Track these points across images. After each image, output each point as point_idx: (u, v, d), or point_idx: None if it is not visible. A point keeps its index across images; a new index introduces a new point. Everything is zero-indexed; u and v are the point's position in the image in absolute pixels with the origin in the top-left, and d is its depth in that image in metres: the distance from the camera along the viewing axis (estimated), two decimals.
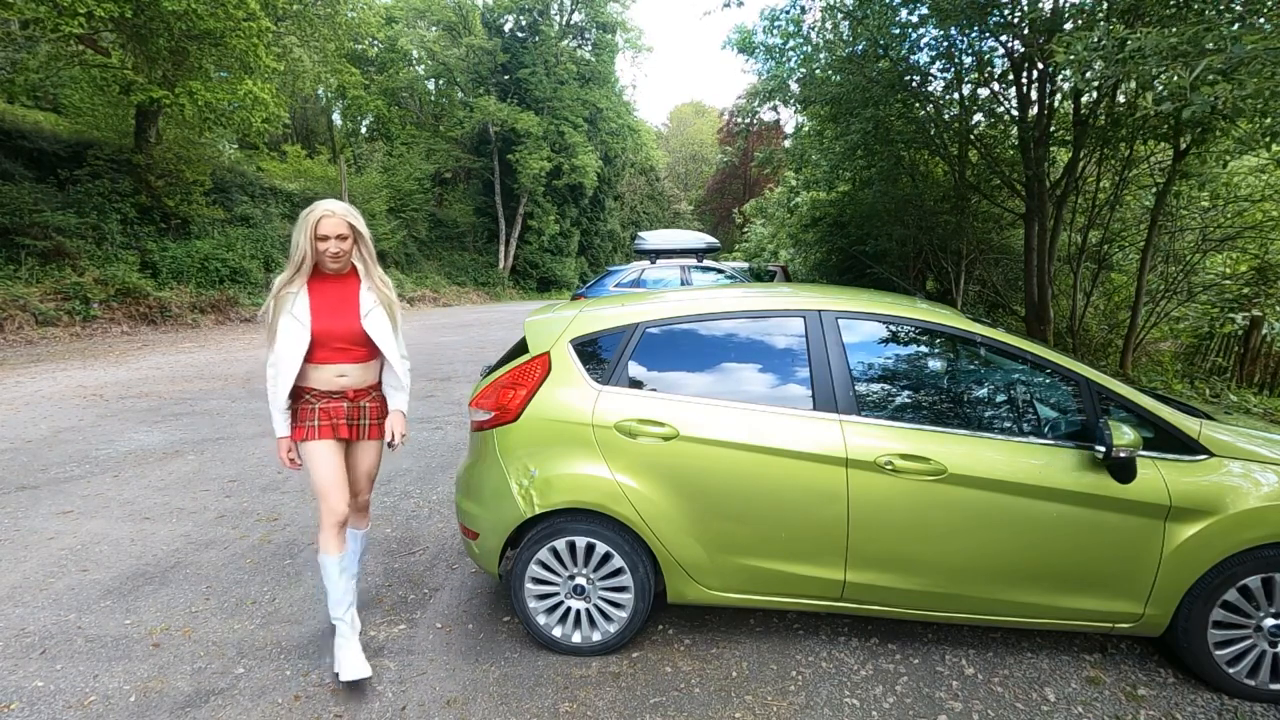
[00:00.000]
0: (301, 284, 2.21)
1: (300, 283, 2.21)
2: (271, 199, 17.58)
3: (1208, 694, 2.25)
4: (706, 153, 49.72)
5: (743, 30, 9.88)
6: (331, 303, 2.24)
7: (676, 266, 8.49)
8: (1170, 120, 5.81)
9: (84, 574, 2.98)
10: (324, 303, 2.23)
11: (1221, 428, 2.29)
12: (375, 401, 2.38)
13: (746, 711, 2.15)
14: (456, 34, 27.88)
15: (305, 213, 2.17)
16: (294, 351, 2.17)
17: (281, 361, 2.18)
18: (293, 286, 2.20)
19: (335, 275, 2.27)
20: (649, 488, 2.29)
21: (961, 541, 2.22)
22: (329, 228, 2.15)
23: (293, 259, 2.19)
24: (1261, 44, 3.18)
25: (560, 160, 29.32)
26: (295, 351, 2.17)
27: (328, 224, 2.15)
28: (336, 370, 2.26)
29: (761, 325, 2.47)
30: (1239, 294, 6.97)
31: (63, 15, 9.64)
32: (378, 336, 2.26)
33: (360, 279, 2.31)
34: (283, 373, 2.19)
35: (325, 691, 2.21)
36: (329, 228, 2.15)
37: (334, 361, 2.25)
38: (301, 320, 2.18)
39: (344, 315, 2.24)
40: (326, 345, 2.22)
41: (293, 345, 2.17)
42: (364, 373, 2.32)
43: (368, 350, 2.30)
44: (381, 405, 2.39)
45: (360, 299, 2.27)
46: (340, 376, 2.27)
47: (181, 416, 5.81)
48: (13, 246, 10.67)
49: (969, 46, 7.61)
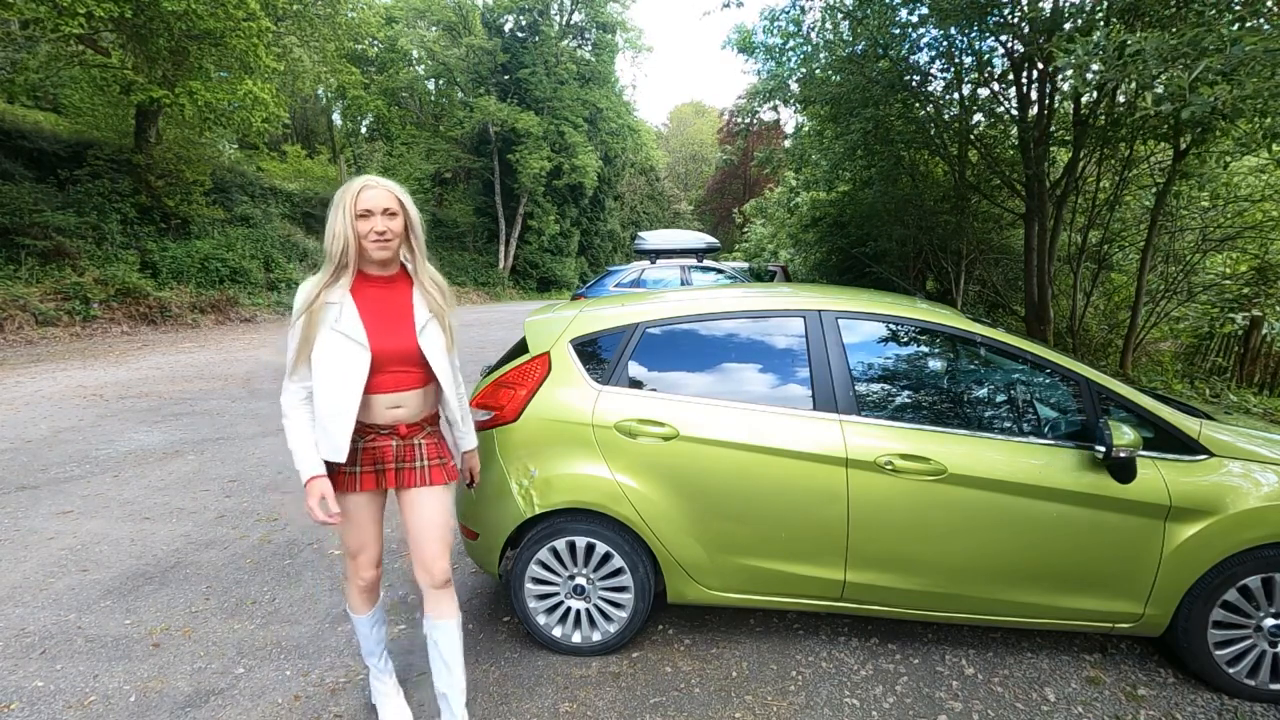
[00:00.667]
0: (346, 289, 1.74)
1: (344, 287, 1.74)
2: (271, 199, 17.58)
3: (1208, 694, 2.26)
4: (706, 153, 49.72)
5: (742, 30, 9.88)
6: (382, 312, 1.78)
7: (676, 266, 8.50)
8: (1170, 120, 5.81)
9: (84, 574, 2.98)
10: (374, 312, 1.77)
11: (1221, 428, 2.29)
12: (431, 438, 1.90)
13: (746, 711, 2.15)
14: (456, 34, 27.87)
15: (340, 190, 1.73)
16: (352, 380, 1.70)
17: (334, 394, 1.70)
18: (334, 293, 1.73)
19: (380, 278, 1.81)
20: (649, 488, 2.29)
21: (961, 541, 2.22)
22: (373, 199, 1.70)
23: (330, 254, 1.72)
24: (1261, 45, 3.18)
25: (560, 160, 29.32)
26: (354, 380, 1.71)
27: (371, 196, 1.71)
28: (391, 400, 1.78)
29: (761, 325, 2.47)
30: (1239, 294, 6.97)
31: (63, 15, 9.64)
32: (433, 357, 1.81)
33: (411, 280, 1.86)
34: (342, 409, 1.70)
35: (325, 691, 2.21)
36: (373, 199, 1.70)
37: (388, 389, 1.78)
38: (356, 337, 1.71)
39: (399, 328, 1.78)
40: (381, 369, 1.75)
41: (349, 372, 1.71)
42: (421, 402, 1.86)
43: (424, 373, 1.84)
44: (440, 442, 1.92)
45: (415, 307, 1.82)
46: (395, 408, 1.80)
47: (181, 416, 5.81)
48: (13, 246, 10.66)
49: (969, 46, 7.61)
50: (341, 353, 1.71)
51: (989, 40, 7.37)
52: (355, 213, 1.70)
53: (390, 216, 1.73)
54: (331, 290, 1.73)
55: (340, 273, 1.74)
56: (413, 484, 1.85)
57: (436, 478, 1.87)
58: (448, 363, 1.87)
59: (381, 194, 1.72)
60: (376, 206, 1.71)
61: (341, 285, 1.74)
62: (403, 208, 1.75)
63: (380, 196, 1.71)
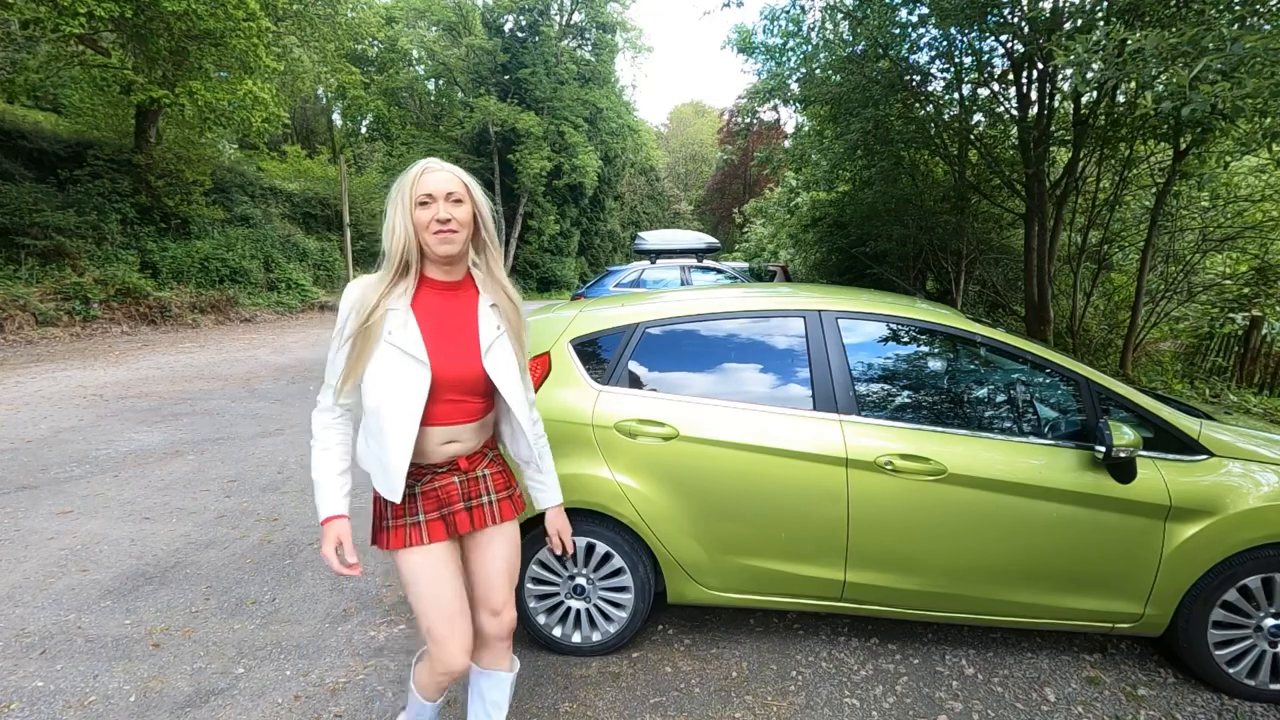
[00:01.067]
0: (408, 296, 1.47)
1: (406, 294, 1.47)
2: (271, 199, 17.59)
3: (1208, 694, 2.25)
4: (706, 153, 49.74)
5: (742, 30, 9.88)
6: (443, 326, 1.49)
7: (676, 266, 8.50)
8: (1170, 120, 5.81)
9: (84, 574, 2.98)
10: (433, 326, 1.47)
11: (1221, 428, 2.29)
12: (494, 465, 1.62)
13: (746, 711, 2.15)
14: (456, 34, 27.91)
15: (398, 180, 1.47)
16: (411, 404, 1.42)
17: (389, 420, 1.42)
18: (396, 299, 1.45)
19: (443, 284, 1.52)
20: (649, 488, 2.29)
21: (961, 541, 2.22)
22: (435, 183, 1.43)
23: (389, 254, 1.46)
24: (1261, 43, 3.18)
25: (560, 160, 29.36)
26: (413, 403, 1.42)
27: (433, 179, 1.43)
28: (445, 435, 1.50)
29: (761, 325, 2.47)
30: (1239, 294, 6.97)
31: (63, 15, 9.65)
32: (503, 383, 1.51)
33: (478, 289, 1.56)
34: (398, 438, 1.42)
35: (325, 691, 2.21)
36: (435, 183, 1.43)
37: (445, 421, 1.49)
38: (414, 353, 1.43)
39: (461, 347, 1.49)
40: (438, 396, 1.46)
41: (407, 394, 1.42)
42: (479, 435, 1.57)
43: (486, 403, 1.56)
44: (504, 469, 1.64)
45: (480, 322, 1.52)
46: (449, 443, 1.51)
47: (181, 416, 5.81)
48: (13, 246, 10.68)
49: (969, 46, 7.61)
50: (397, 371, 1.42)
51: (989, 40, 7.38)
52: (415, 199, 1.43)
53: (455, 204, 1.45)
54: (394, 295, 1.46)
55: (401, 277, 1.47)
56: (483, 524, 1.57)
57: (506, 513, 1.61)
58: (520, 391, 1.56)
59: (445, 177, 1.45)
60: (439, 191, 1.43)
61: (403, 292, 1.47)
62: (470, 195, 1.48)
63: (443, 180, 1.44)
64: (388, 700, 2.17)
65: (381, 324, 1.43)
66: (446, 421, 1.49)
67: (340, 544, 1.45)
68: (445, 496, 1.52)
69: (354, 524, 1.52)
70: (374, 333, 1.42)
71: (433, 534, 1.49)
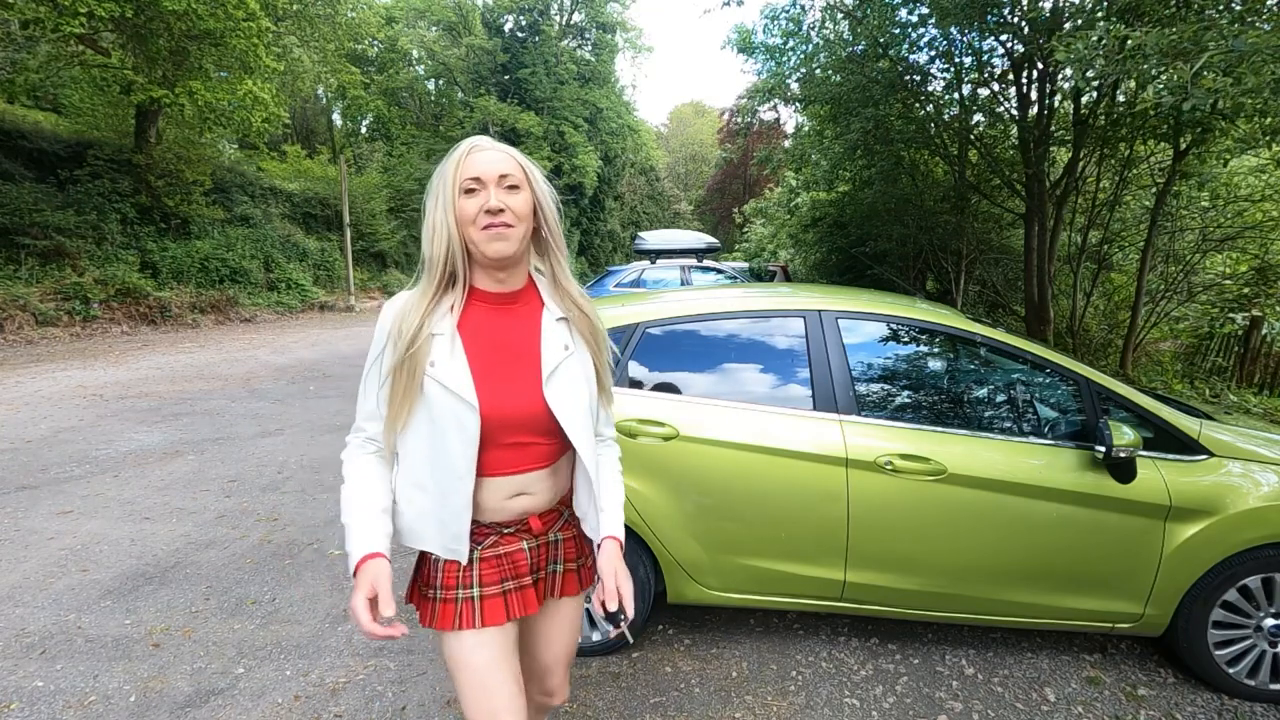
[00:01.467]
0: (455, 314, 1.14)
1: (452, 310, 1.14)
2: (271, 199, 17.57)
3: (1208, 694, 2.25)
4: (706, 153, 49.72)
5: (742, 30, 9.89)
6: (496, 351, 1.16)
7: (676, 266, 8.52)
8: (1170, 120, 5.81)
9: (84, 574, 2.98)
10: (482, 351, 1.14)
11: (1221, 428, 2.29)
12: (569, 530, 1.28)
13: (746, 711, 2.15)
14: (456, 34, 27.92)
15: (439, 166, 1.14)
16: (458, 456, 1.10)
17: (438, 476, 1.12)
18: (440, 320, 1.13)
19: (496, 295, 1.18)
20: (649, 488, 2.29)
21: (961, 541, 2.22)
22: (484, 164, 1.09)
23: (430, 259, 1.12)
24: (1262, 40, 3.18)
25: (560, 160, 29.36)
26: (461, 456, 1.10)
27: (481, 160, 1.09)
28: (512, 486, 1.17)
29: (762, 325, 2.47)
30: (1239, 294, 6.97)
31: (63, 15, 9.64)
32: (568, 419, 1.16)
33: (542, 300, 1.22)
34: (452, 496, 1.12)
35: (325, 691, 2.21)
36: (484, 164, 1.09)
37: (508, 469, 1.16)
38: (460, 391, 1.09)
39: (519, 378, 1.15)
40: (493, 441, 1.13)
41: (453, 444, 1.10)
42: (553, 483, 1.23)
43: (558, 443, 1.20)
44: (579, 535, 1.30)
45: (544, 343, 1.18)
46: (517, 496, 1.18)
47: (181, 416, 5.81)
48: (13, 246, 10.67)
49: (968, 46, 7.61)
50: (440, 413, 1.10)
51: (989, 40, 7.38)
52: (459, 186, 1.09)
53: (510, 190, 1.10)
54: (436, 312, 1.13)
55: (445, 290, 1.14)
56: (544, 596, 1.27)
57: (570, 587, 1.29)
58: (587, 428, 1.19)
59: (496, 156, 1.10)
60: (489, 174, 1.09)
61: (448, 309, 1.14)
62: (529, 181, 1.13)
63: (494, 160, 1.10)
64: (388, 700, 2.17)
65: (425, 353, 1.10)
66: (510, 470, 1.16)
67: (376, 592, 1.08)
68: (514, 567, 1.19)
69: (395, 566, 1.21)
70: (417, 365, 1.10)
71: (489, 615, 1.15)
